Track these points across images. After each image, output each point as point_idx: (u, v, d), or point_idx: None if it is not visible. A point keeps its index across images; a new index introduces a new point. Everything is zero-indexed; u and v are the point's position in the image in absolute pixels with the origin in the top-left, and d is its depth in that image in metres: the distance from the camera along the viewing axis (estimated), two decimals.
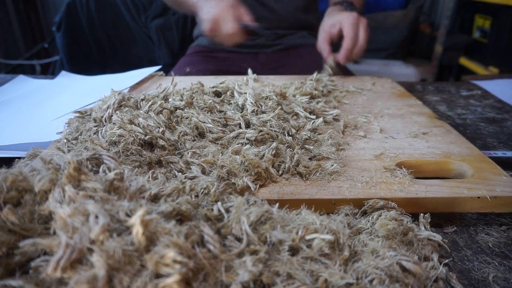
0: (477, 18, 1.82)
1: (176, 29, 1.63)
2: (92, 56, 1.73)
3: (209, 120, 0.44)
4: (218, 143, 0.43)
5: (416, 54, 2.23)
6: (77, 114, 0.48)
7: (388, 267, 0.26)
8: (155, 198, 0.30)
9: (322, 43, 0.78)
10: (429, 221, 0.35)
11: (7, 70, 1.99)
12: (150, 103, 0.47)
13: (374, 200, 0.35)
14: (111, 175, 0.27)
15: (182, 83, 0.60)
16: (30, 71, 2.10)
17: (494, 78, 0.87)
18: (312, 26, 1.03)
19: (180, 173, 0.38)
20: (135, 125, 0.41)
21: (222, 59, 1.03)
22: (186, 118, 0.45)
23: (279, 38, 1.05)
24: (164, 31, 1.64)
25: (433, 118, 0.56)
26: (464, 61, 1.88)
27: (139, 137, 0.39)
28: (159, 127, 0.42)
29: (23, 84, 0.75)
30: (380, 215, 0.33)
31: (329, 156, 0.43)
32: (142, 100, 0.49)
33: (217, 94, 0.52)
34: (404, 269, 0.26)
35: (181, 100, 0.48)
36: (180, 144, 0.42)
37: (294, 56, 1.01)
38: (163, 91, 0.52)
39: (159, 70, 0.80)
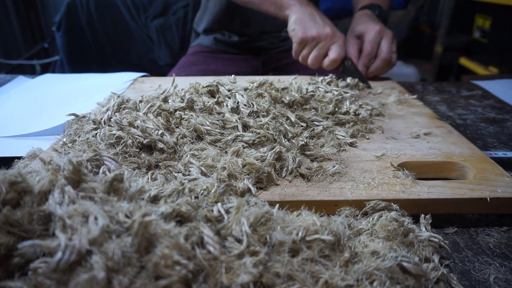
0: (477, 18, 1.82)
1: (176, 29, 1.63)
2: (92, 56, 1.72)
3: (208, 122, 0.44)
4: (216, 146, 0.42)
5: (416, 54, 2.23)
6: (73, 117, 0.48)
7: (389, 268, 0.25)
8: (154, 199, 0.30)
9: (353, 53, 0.76)
10: (430, 222, 0.35)
11: (7, 70, 1.98)
12: (149, 105, 0.47)
13: (376, 202, 0.35)
14: (110, 176, 0.27)
15: (182, 84, 0.60)
16: (30, 71, 2.10)
17: (494, 78, 0.87)
18: None
19: (179, 174, 0.37)
20: (134, 127, 0.41)
21: (223, 59, 1.03)
22: (185, 120, 0.45)
23: (283, 40, 1.05)
24: (164, 31, 1.64)
25: (434, 119, 0.56)
26: (464, 61, 1.88)
27: (138, 140, 0.39)
28: (158, 130, 0.42)
29: (22, 85, 0.75)
30: (380, 216, 0.33)
31: (330, 157, 0.43)
32: (141, 102, 0.48)
33: (211, 93, 0.52)
34: (404, 270, 0.26)
35: (182, 102, 0.48)
36: (179, 147, 0.41)
37: None
38: (163, 92, 0.52)
39: (144, 76, 0.77)
